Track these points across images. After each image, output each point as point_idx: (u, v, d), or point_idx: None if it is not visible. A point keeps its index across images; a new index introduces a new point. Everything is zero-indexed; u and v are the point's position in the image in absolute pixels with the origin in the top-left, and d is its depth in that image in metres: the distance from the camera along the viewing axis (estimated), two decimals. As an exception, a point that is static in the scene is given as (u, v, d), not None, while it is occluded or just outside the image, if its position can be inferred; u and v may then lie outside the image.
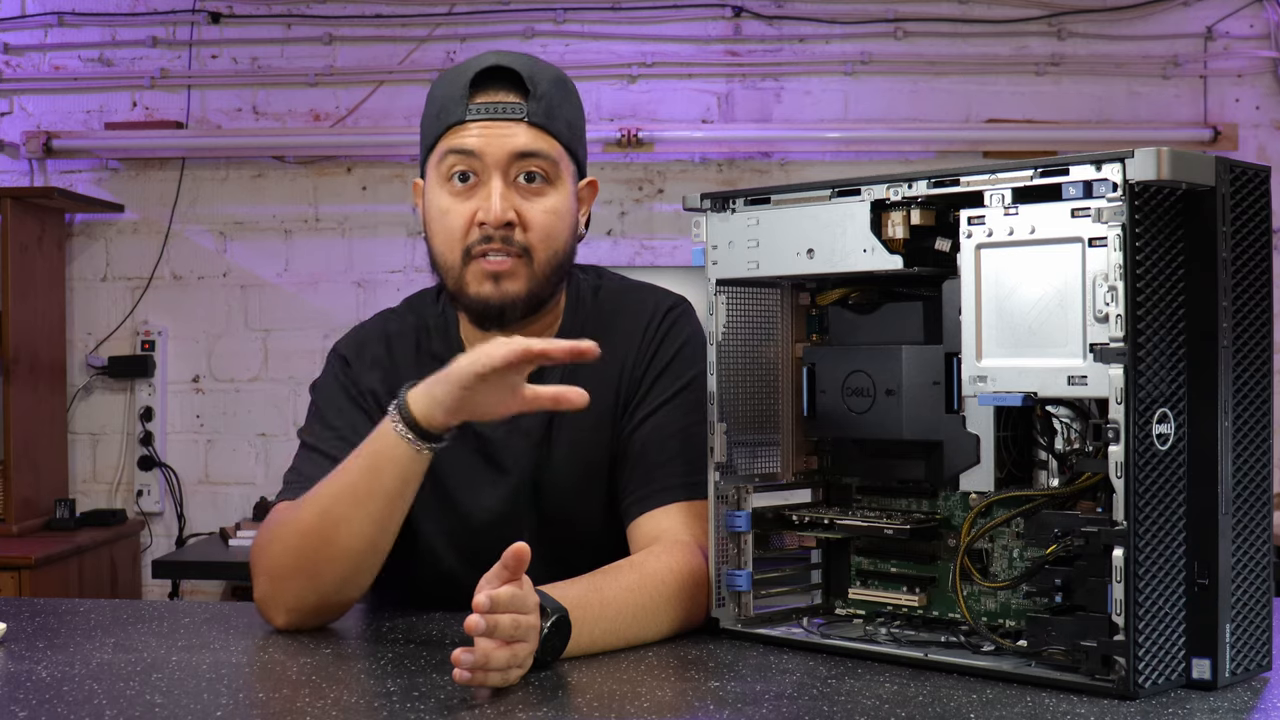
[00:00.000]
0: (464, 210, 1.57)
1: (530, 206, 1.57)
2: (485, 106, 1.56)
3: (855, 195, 1.36)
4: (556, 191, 1.59)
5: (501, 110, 1.56)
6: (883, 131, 3.91)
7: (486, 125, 1.56)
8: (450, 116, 1.57)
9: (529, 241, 1.57)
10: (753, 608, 1.47)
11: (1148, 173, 1.16)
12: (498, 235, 1.55)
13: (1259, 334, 1.26)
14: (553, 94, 1.59)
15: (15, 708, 1.17)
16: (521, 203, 1.57)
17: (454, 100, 1.57)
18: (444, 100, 1.59)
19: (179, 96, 4.07)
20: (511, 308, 1.58)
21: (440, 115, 1.59)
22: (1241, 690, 1.23)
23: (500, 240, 1.56)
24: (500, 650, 1.21)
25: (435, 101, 1.61)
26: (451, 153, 1.57)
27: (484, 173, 1.56)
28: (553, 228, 1.59)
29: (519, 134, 1.56)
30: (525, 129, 1.57)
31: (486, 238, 1.56)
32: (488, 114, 1.56)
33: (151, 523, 4.07)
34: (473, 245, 1.57)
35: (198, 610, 1.67)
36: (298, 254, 4.06)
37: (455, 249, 1.58)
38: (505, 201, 1.55)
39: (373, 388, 1.65)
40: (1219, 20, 3.90)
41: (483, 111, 1.56)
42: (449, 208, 1.58)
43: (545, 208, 1.58)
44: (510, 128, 1.56)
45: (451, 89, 1.58)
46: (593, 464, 1.64)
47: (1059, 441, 1.29)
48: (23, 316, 3.76)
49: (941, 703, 1.18)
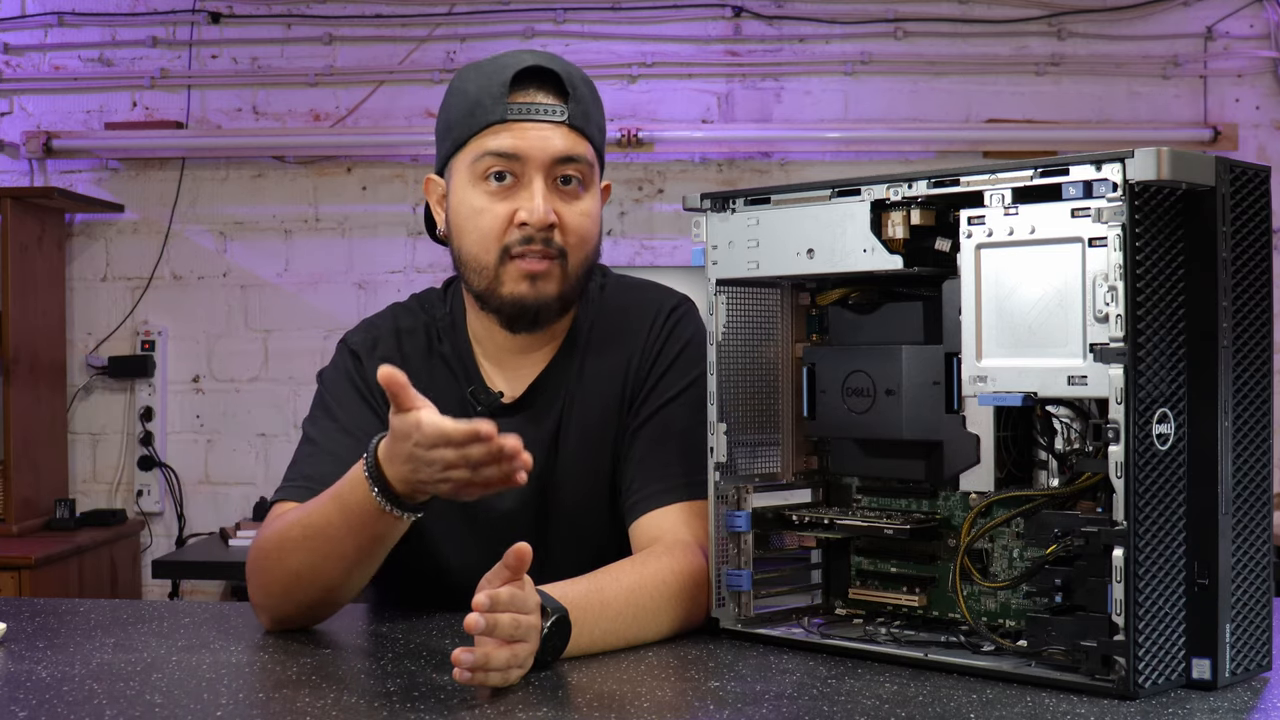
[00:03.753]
0: (501, 210, 1.56)
1: (568, 210, 1.57)
2: (526, 107, 1.55)
3: (855, 195, 1.36)
4: (590, 195, 1.59)
5: (543, 112, 1.55)
6: (883, 131, 3.91)
7: (527, 126, 1.55)
8: (488, 115, 1.55)
9: (566, 244, 1.57)
10: (753, 608, 1.47)
11: (1148, 173, 1.16)
12: (539, 237, 1.55)
13: (1259, 334, 1.26)
14: (588, 97, 1.59)
15: (15, 708, 1.17)
16: (560, 205, 1.56)
17: (491, 98, 1.55)
18: (478, 97, 1.56)
19: (179, 96, 4.07)
20: (546, 309, 1.58)
21: (474, 112, 1.56)
22: (1241, 690, 1.22)
23: (541, 242, 1.55)
24: (500, 650, 1.21)
25: (467, 97, 1.58)
26: (490, 153, 1.55)
27: (524, 174, 1.55)
28: (588, 231, 1.59)
29: (559, 137, 1.55)
30: (565, 132, 1.56)
31: (528, 239, 1.55)
32: (528, 115, 1.55)
33: (151, 523, 4.07)
34: (511, 245, 1.56)
35: (198, 610, 1.67)
36: (298, 254, 4.05)
37: (492, 249, 1.57)
38: (548, 204, 1.55)
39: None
40: (1219, 20, 3.90)
41: (523, 112, 1.55)
42: (484, 207, 1.56)
43: (581, 211, 1.58)
44: (551, 130, 1.55)
45: (486, 86, 1.56)
46: (600, 463, 1.64)
47: (1059, 441, 1.29)
48: (23, 316, 3.76)
49: (941, 703, 1.18)
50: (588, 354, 1.66)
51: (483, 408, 1.64)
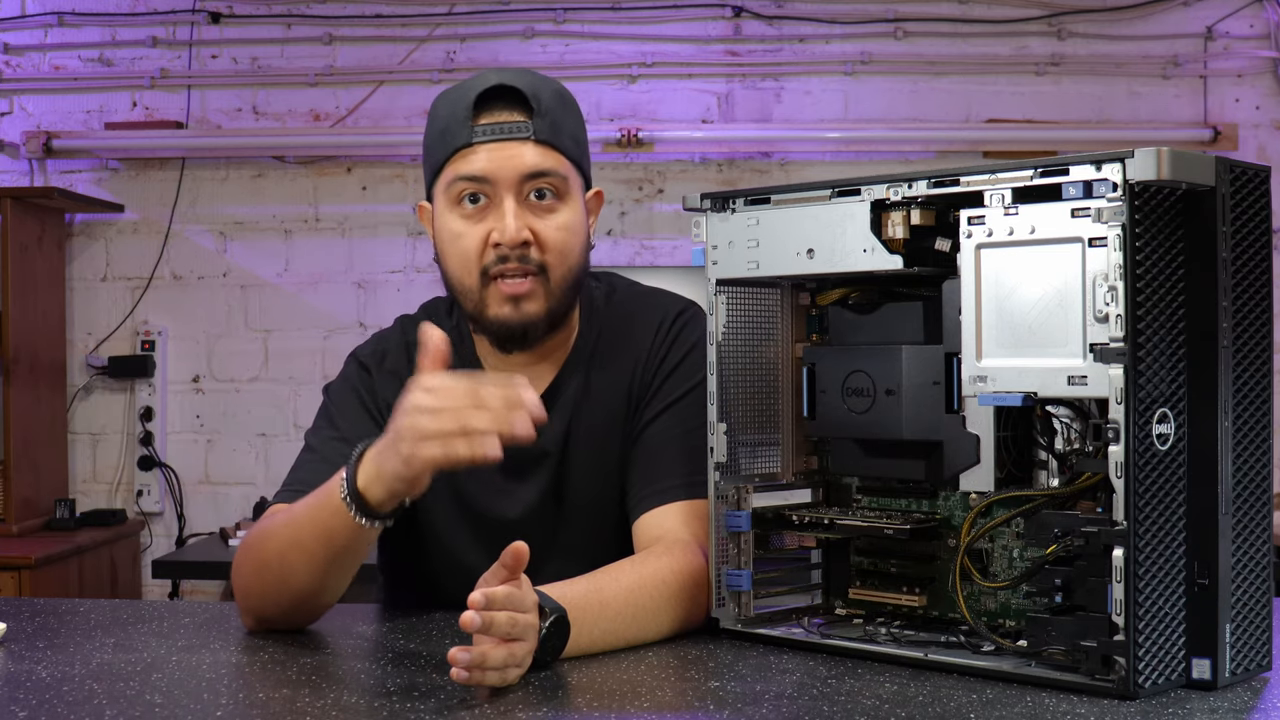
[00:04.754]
0: (477, 233, 1.56)
1: (543, 224, 1.57)
2: (490, 128, 1.55)
3: (855, 195, 1.36)
4: (567, 207, 1.59)
5: (507, 130, 1.55)
6: (883, 131, 3.91)
7: (494, 147, 1.55)
8: (455, 140, 1.56)
9: (545, 260, 1.57)
10: (753, 608, 1.47)
11: (1148, 173, 1.16)
12: (514, 255, 1.55)
13: (1259, 334, 1.26)
14: (556, 109, 1.59)
15: (15, 708, 1.17)
16: (535, 221, 1.56)
17: (458, 122, 1.56)
18: (447, 122, 1.58)
19: (179, 96, 4.07)
20: (533, 328, 1.59)
21: (445, 138, 1.58)
22: (1241, 690, 1.22)
23: (517, 260, 1.55)
24: (498, 649, 1.21)
25: (438, 123, 1.59)
26: (461, 178, 1.56)
27: (495, 194, 1.56)
28: (566, 244, 1.58)
29: (527, 153, 1.56)
30: (532, 147, 1.56)
31: (503, 258, 1.55)
32: (494, 135, 1.55)
33: (151, 523, 4.07)
34: (489, 266, 1.56)
35: (198, 610, 1.67)
36: (298, 254, 4.05)
37: (472, 271, 1.57)
38: (519, 221, 1.55)
39: (389, 399, 1.64)
40: (1219, 20, 3.90)
41: (488, 133, 1.55)
42: (462, 231, 1.57)
43: (558, 224, 1.58)
44: (517, 147, 1.55)
45: (454, 111, 1.57)
46: (608, 472, 1.64)
47: (1059, 441, 1.29)
48: (23, 316, 3.76)
49: (941, 703, 1.18)
50: (594, 364, 1.67)
51: None
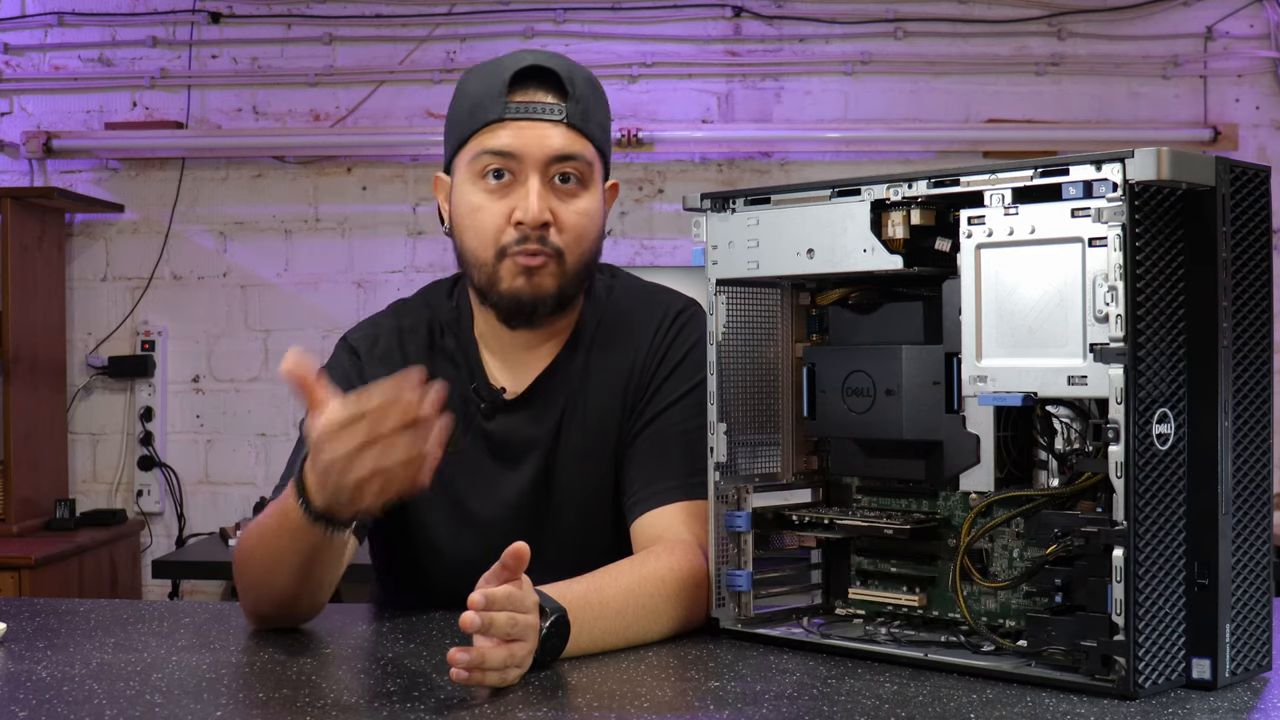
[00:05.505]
0: (499, 209, 1.57)
1: (565, 208, 1.57)
2: (524, 106, 1.56)
3: (855, 195, 1.36)
4: (589, 193, 1.59)
5: (541, 110, 1.56)
6: (883, 131, 3.91)
7: (524, 125, 1.55)
8: (487, 114, 1.56)
9: (562, 243, 1.57)
10: (753, 608, 1.47)
11: (1148, 173, 1.16)
12: (533, 235, 1.55)
13: (1259, 334, 1.26)
14: (589, 96, 1.59)
15: (15, 708, 1.17)
16: (556, 203, 1.57)
17: (490, 97, 1.56)
18: (479, 96, 1.57)
19: (179, 96, 4.07)
20: (543, 303, 1.58)
21: (474, 112, 1.58)
22: (1241, 690, 1.22)
23: (536, 241, 1.55)
24: (497, 649, 1.21)
25: (468, 97, 1.59)
26: (488, 152, 1.56)
27: (521, 172, 1.56)
28: (585, 229, 1.59)
29: (556, 135, 1.56)
30: (563, 130, 1.56)
31: (523, 238, 1.56)
32: (526, 114, 1.56)
33: (151, 523, 4.07)
34: (508, 245, 1.56)
35: (198, 610, 1.67)
36: (298, 254, 4.06)
37: (489, 247, 1.57)
38: (543, 202, 1.55)
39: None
40: (1219, 20, 3.90)
41: (521, 111, 1.56)
42: (482, 205, 1.57)
43: (578, 209, 1.58)
44: (548, 128, 1.56)
45: (487, 86, 1.57)
46: (601, 461, 1.64)
47: (1059, 441, 1.29)
48: (23, 316, 3.76)
49: (941, 703, 1.18)
50: (592, 352, 1.66)
51: (485, 403, 1.64)
